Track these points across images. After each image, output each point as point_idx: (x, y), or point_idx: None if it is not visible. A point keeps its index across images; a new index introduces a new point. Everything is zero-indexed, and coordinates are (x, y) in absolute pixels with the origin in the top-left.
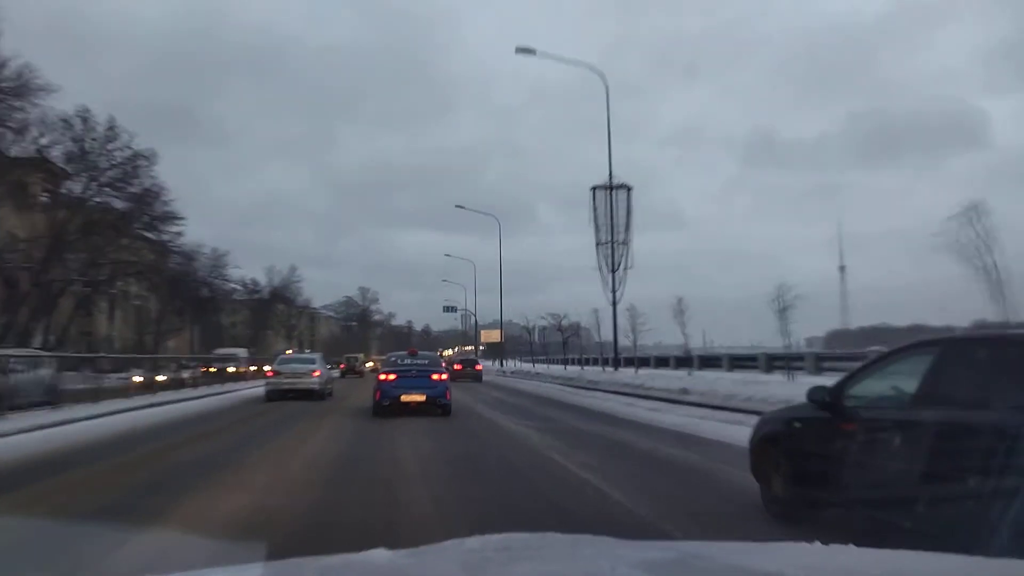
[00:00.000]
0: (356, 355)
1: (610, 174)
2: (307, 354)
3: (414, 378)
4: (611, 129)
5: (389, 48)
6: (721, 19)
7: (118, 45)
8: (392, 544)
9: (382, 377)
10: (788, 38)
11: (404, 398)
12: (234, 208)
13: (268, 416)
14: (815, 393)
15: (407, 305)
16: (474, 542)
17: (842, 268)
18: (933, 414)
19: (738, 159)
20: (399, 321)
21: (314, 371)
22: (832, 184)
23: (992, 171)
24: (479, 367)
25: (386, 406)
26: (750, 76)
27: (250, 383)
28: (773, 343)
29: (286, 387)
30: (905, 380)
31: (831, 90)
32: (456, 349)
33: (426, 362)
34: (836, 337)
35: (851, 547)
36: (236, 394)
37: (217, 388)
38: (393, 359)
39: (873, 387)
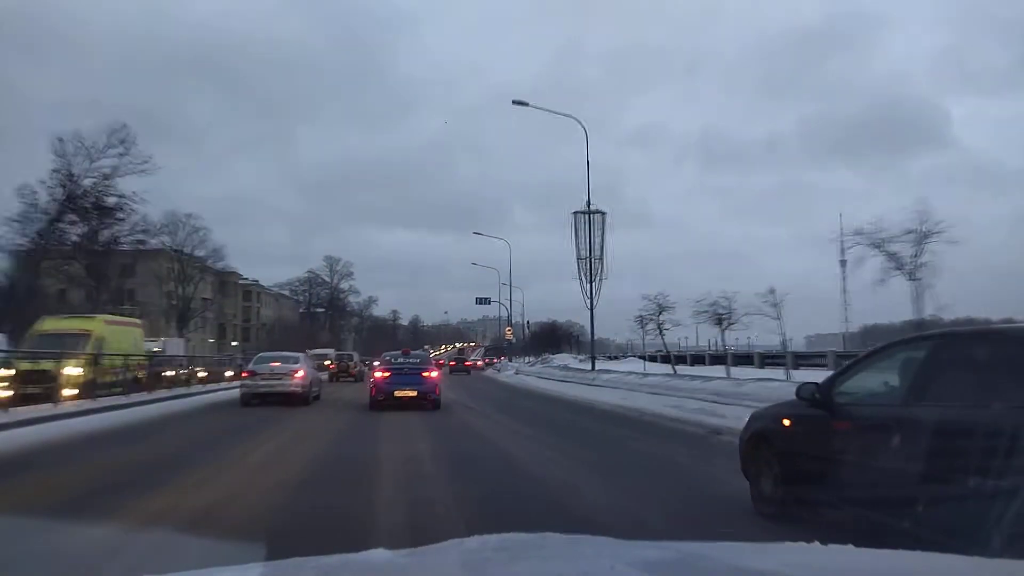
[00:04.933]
0: (350, 352)
1: (588, 202)
2: (290, 352)
3: (407, 375)
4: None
5: (348, 50)
6: (677, 26)
7: (72, 48)
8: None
9: (377, 375)
10: (741, 46)
11: (397, 393)
12: (199, 208)
13: None
14: (805, 389)
15: (383, 302)
16: (473, 542)
17: (843, 263)
18: (926, 411)
19: (697, 160)
20: (381, 311)
21: (296, 372)
22: (793, 184)
23: (946, 169)
24: (468, 364)
25: (381, 400)
26: (706, 81)
27: None
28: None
29: (263, 390)
30: (897, 376)
31: (786, 94)
32: (460, 345)
33: (418, 361)
34: (870, 334)
35: (850, 547)
36: None
37: None
38: (387, 358)
39: (865, 383)
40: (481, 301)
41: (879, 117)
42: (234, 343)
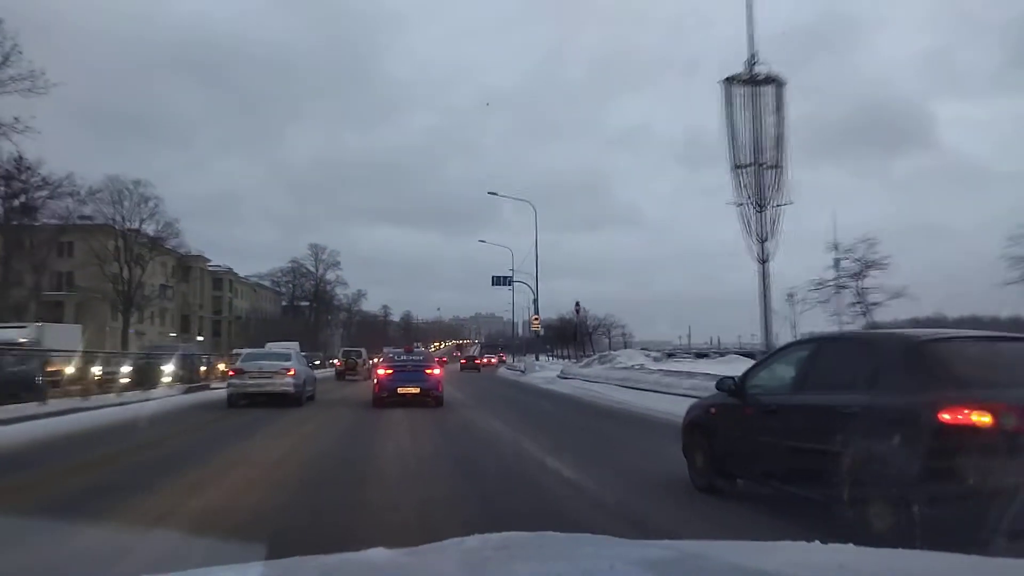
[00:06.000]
0: (358, 348)
1: (751, 59)
2: (281, 349)
3: (410, 372)
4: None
5: (336, 50)
6: (663, 28)
7: (60, 45)
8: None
9: (381, 372)
10: (728, 48)
11: (400, 390)
12: (189, 206)
13: None
14: (724, 383)
15: (373, 301)
16: (473, 541)
17: (837, 261)
18: (805, 398)
19: (684, 161)
20: (371, 306)
21: (288, 370)
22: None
23: (932, 169)
24: (478, 361)
25: (384, 397)
26: (691, 82)
27: None
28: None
29: (252, 390)
30: (789, 370)
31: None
32: (457, 342)
33: (420, 358)
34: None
35: (850, 546)
36: None
37: None
38: (391, 355)
39: (769, 376)
40: (499, 282)
41: (865, 118)
42: (200, 337)
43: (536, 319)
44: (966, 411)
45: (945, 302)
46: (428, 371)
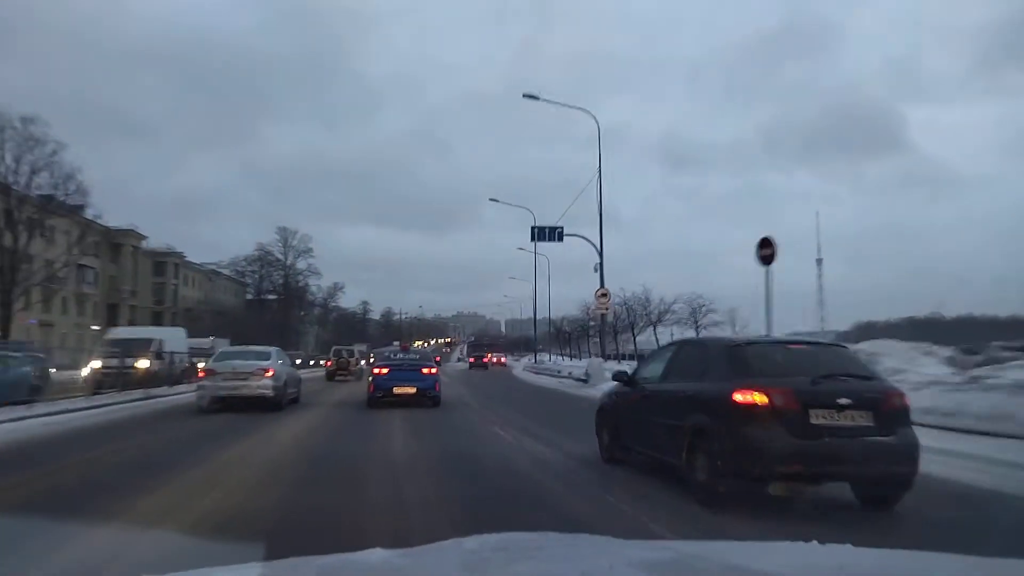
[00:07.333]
0: (350, 347)
1: None
2: (258, 347)
3: (406, 371)
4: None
5: (312, 48)
6: (640, 31)
7: (25, 37)
8: None
9: (376, 371)
10: (700, 53)
11: (396, 390)
12: (162, 203)
13: None
14: (619, 375)
15: (351, 300)
16: (472, 542)
17: (819, 261)
18: (667, 386)
19: (661, 162)
20: (349, 303)
21: (266, 370)
22: (755, 186)
23: (905, 172)
24: (484, 359)
25: (379, 397)
26: (667, 86)
27: None
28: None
29: (225, 393)
30: (662, 365)
31: (748, 99)
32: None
33: (416, 356)
34: (865, 331)
35: (848, 547)
36: None
37: None
38: (386, 354)
39: (651, 369)
40: (543, 235)
41: (838, 122)
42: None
43: (604, 294)
44: (750, 393)
45: None
46: (425, 370)
